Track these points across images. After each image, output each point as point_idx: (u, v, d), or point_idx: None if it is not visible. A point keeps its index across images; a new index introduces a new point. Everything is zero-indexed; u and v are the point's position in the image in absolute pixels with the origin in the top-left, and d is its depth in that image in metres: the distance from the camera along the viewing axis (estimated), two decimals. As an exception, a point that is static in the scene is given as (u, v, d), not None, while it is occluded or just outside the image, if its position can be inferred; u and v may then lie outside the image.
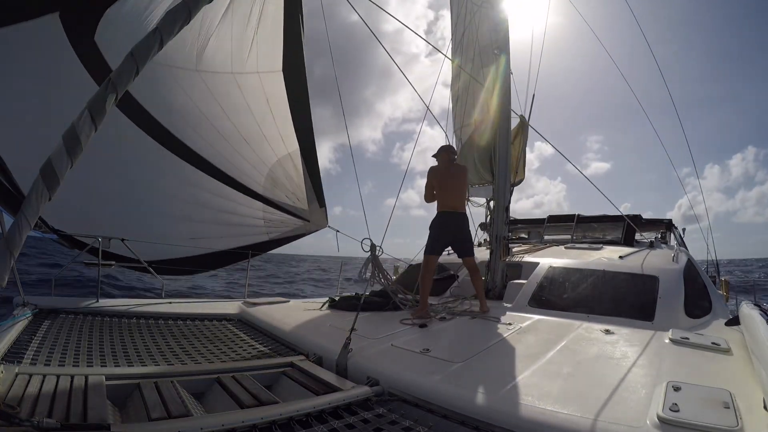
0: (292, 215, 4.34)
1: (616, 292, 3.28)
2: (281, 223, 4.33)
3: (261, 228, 4.25)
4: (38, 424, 1.17)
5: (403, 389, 1.90)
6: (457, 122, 5.61)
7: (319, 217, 4.48)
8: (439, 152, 3.75)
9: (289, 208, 4.31)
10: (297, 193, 4.31)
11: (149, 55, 1.37)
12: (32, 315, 2.80)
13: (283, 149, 4.15)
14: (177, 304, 3.74)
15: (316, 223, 4.50)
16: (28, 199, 1.20)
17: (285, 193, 4.25)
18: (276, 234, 4.34)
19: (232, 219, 4.14)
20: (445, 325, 3.04)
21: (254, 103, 3.89)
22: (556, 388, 1.75)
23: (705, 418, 1.37)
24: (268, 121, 4.00)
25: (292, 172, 4.24)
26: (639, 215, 5.52)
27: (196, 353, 2.50)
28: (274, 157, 4.12)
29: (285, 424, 1.52)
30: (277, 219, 4.30)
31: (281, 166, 4.18)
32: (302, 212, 4.39)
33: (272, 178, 4.15)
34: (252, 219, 4.19)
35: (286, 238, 4.46)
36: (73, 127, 1.24)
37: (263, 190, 4.14)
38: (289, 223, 4.37)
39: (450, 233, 3.60)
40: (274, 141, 4.08)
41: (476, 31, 4.79)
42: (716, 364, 2.04)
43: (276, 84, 3.95)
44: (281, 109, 4.05)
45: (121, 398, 1.74)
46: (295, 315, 3.49)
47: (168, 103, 3.64)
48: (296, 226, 4.42)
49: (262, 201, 4.17)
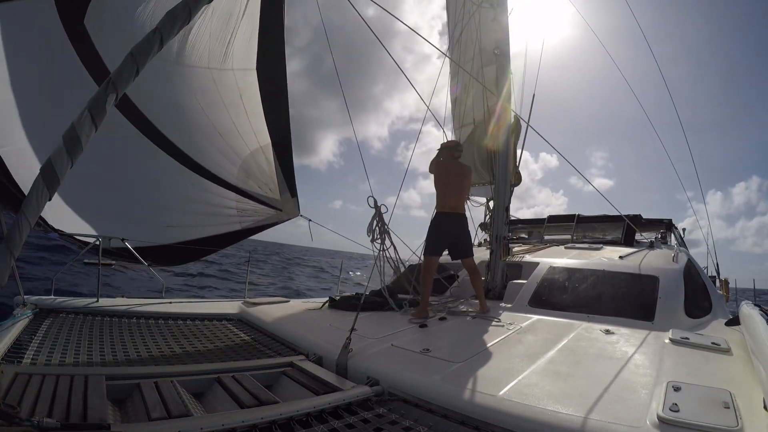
0: (264, 204, 4.50)
1: (616, 292, 3.28)
2: (254, 213, 4.50)
3: (234, 218, 4.40)
4: (38, 424, 1.17)
5: (403, 389, 1.90)
6: (457, 122, 5.61)
7: (291, 206, 4.65)
8: (441, 149, 3.72)
9: (261, 197, 4.47)
10: (269, 184, 4.48)
11: (149, 55, 1.37)
12: (32, 315, 2.80)
13: (255, 142, 4.31)
14: (177, 304, 3.74)
15: (288, 212, 4.67)
16: (28, 198, 1.20)
17: (257, 183, 4.41)
18: (248, 223, 4.50)
19: (206, 209, 4.28)
20: (445, 325, 3.04)
21: (228, 99, 4.05)
22: (556, 388, 1.75)
23: (705, 418, 1.37)
24: (241, 117, 4.16)
25: (264, 164, 4.41)
26: (639, 215, 5.51)
27: (196, 353, 2.50)
28: (246, 150, 4.27)
29: (285, 424, 1.52)
30: (250, 209, 4.46)
31: (254, 159, 4.34)
32: (274, 201, 4.55)
33: (245, 169, 4.31)
34: (225, 209, 4.34)
35: (259, 227, 4.62)
36: (73, 127, 1.24)
37: (236, 180, 4.29)
38: (262, 213, 4.53)
39: (450, 234, 3.58)
40: (247, 135, 4.24)
41: (476, 31, 4.79)
42: (716, 364, 2.04)
43: (250, 81, 4.11)
44: (254, 105, 4.21)
45: (121, 398, 1.74)
46: (295, 315, 3.49)
47: (148, 92, 3.72)
48: (269, 215, 4.58)
49: (235, 191, 4.33)
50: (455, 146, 3.74)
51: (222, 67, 3.90)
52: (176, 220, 4.22)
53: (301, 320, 3.30)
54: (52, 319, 2.81)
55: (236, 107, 4.10)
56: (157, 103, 3.82)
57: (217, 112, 4.05)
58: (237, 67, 3.98)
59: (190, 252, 4.39)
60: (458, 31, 5.04)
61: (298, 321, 3.27)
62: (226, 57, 3.87)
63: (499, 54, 4.41)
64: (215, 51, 3.81)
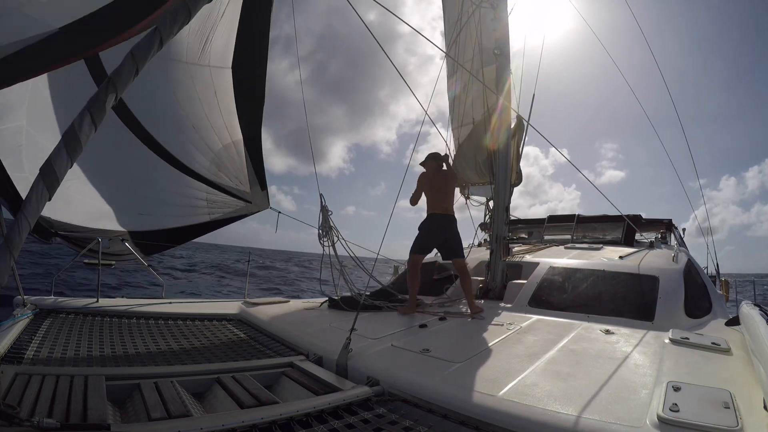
0: (234, 197, 4.57)
1: (616, 293, 3.28)
2: (224, 204, 4.56)
3: (203, 209, 4.45)
4: (38, 424, 1.17)
5: (403, 389, 1.90)
6: (456, 122, 5.61)
7: (260, 199, 4.73)
8: (426, 160, 3.87)
9: (232, 189, 4.54)
10: (240, 177, 4.56)
11: (149, 55, 1.37)
12: (32, 315, 2.80)
13: (227, 137, 4.38)
14: (177, 304, 3.74)
15: (258, 205, 4.74)
16: (28, 199, 1.20)
17: (228, 176, 4.48)
18: (218, 215, 4.55)
19: (176, 199, 4.32)
20: (445, 325, 3.04)
21: (203, 94, 4.10)
22: (556, 388, 1.75)
23: (705, 418, 1.37)
24: (214, 112, 4.22)
25: (236, 158, 4.49)
26: (639, 215, 5.52)
27: (196, 353, 2.50)
28: (219, 143, 4.34)
29: (285, 424, 1.52)
30: (220, 200, 4.52)
31: (225, 152, 4.42)
32: (244, 194, 4.62)
33: (217, 162, 4.38)
34: (196, 200, 4.39)
35: (228, 219, 4.68)
36: (72, 127, 1.24)
37: (207, 173, 4.35)
38: (232, 204, 4.60)
39: (440, 235, 3.69)
40: (220, 129, 4.31)
41: (475, 30, 4.79)
42: (716, 364, 2.04)
43: (225, 79, 4.17)
44: (227, 103, 4.27)
45: (121, 398, 1.74)
46: (295, 315, 3.49)
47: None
48: (238, 207, 4.65)
49: (206, 183, 4.38)
50: (438, 156, 3.91)
51: (199, 63, 3.92)
52: (147, 209, 4.26)
53: (301, 320, 3.30)
54: (52, 319, 2.81)
55: (210, 102, 4.14)
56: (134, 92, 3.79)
57: (192, 105, 4.09)
58: (213, 64, 4.03)
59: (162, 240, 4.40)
60: (456, 30, 5.04)
61: (298, 321, 3.27)
62: (203, 53, 3.89)
63: (499, 54, 4.41)
64: (193, 46, 3.83)
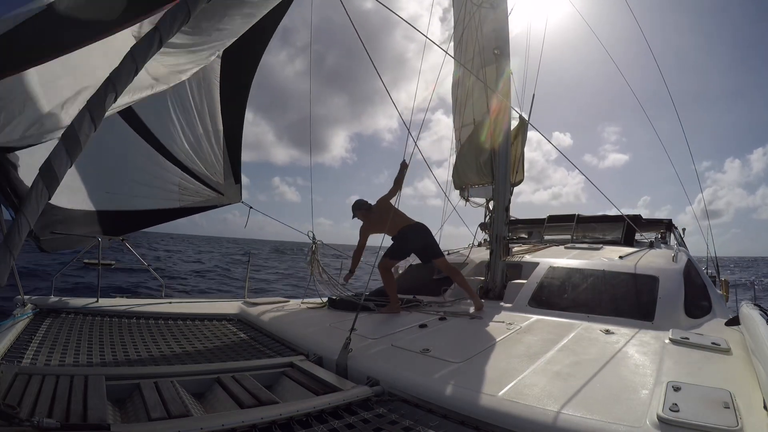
0: (207, 186, 4.52)
1: (616, 292, 3.28)
2: (195, 193, 4.48)
3: (175, 194, 4.35)
4: (38, 424, 1.17)
5: (403, 389, 1.90)
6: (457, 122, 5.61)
7: (233, 192, 4.70)
8: (355, 214, 4.04)
9: (205, 178, 4.48)
10: (216, 167, 4.51)
11: (149, 55, 1.37)
12: (32, 315, 2.80)
13: (208, 125, 4.30)
14: (177, 304, 3.75)
15: (230, 198, 4.72)
16: (27, 198, 1.20)
17: (204, 165, 4.42)
18: (188, 203, 4.47)
19: (148, 180, 4.18)
20: (445, 325, 3.03)
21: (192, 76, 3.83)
22: (556, 388, 1.75)
23: (705, 418, 1.37)
24: (200, 96, 4.13)
25: (215, 147, 4.43)
26: (639, 215, 5.52)
27: (196, 353, 2.50)
28: (200, 129, 4.25)
29: (285, 424, 1.52)
30: (191, 188, 4.44)
31: (206, 139, 4.34)
32: (217, 185, 4.58)
33: (195, 148, 4.29)
34: (168, 184, 4.29)
35: (197, 208, 4.63)
36: (72, 127, 1.24)
37: (184, 157, 4.26)
38: (203, 194, 4.54)
39: (415, 243, 3.82)
40: (203, 116, 4.22)
41: (476, 31, 4.79)
42: (716, 364, 2.04)
43: (213, 66, 4.04)
44: (213, 90, 4.18)
45: (121, 398, 1.74)
46: (295, 315, 3.50)
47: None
48: (209, 198, 4.60)
49: (180, 168, 4.29)
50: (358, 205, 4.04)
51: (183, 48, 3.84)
52: (115, 187, 4.05)
53: (301, 320, 3.30)
54: (52, 319, 2.81)
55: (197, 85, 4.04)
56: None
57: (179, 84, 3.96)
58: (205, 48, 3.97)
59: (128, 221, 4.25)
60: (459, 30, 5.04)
61: (298, 321, 3.27)
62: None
63: (499, 54, 4.41)
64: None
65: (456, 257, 5.07)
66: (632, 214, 5.17)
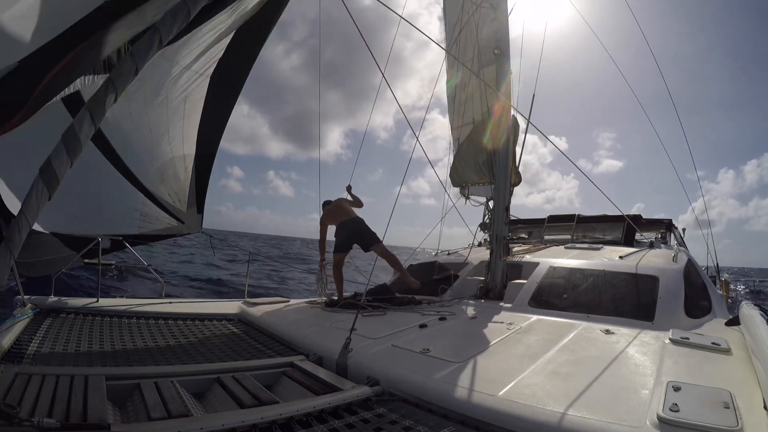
0: (168, 213, 4.34)
1: (616, 292, 3.28)
2: (156, 220, 4.29)
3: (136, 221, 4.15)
4: (38, 424, 1.17)
5: (403, 389, 1.90)
6: (456, 122, 5.61)
7: (193, 221, 4.61)
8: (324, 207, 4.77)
9: (167, 205, 4.29)
10: (179, 194, 4.35)
11: (149, 55, 1.37)
12: (32, 315, 2.80)
13: (180, 149, 4.12)
14: (177, 304, 3.74)
15: (189, 227, 4.61)
16: (27, 198, 1.20)
17: (168, 191, 4.24)
18: (146, 230, 4.27)
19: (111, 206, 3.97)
20: (445, 325, 3.03)
21: (172, 96, 3.74)
22: (556, 388, 1.75)
23: (705, 418, 1.37)
24: (177, 118, 3.93)
25: (181, 173, 4.27)
26: (639, 215, 5.51)
27: (196, 353, 2.50)
28: (169, 153, 4.07)
29: (285, 424, 1.52)
30: (152, 214, 4.24)
31: (172, 165, 4.16)
32: (179, 213, 4.41)
33: (161, 173, 4.10)
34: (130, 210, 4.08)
35: (155, 236, 4.44)
36: (72, 127, 1.24)
37: (148, 182, 4.04)
38: (163, 221, 4.36)
39: (351, 234, 4.39)
40: (175, 140, 4.04)
41: (475, 31, 4.79)
42: (716, 364, 2.04)
43: (199, 87, 3.85)
44: (194, 112, 4.02)
45: (121, 398, 1.74)
46: (295, 315, 3.50)
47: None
48: (169, 226, 4.43)
49: (144, 193, 4.07)
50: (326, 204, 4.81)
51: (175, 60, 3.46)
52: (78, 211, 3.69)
53: (301, 320, 3.30)
54: (52, 319, 2.81)
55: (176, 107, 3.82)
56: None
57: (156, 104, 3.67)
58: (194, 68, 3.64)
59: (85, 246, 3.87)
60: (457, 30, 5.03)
61: (298, 321, 3.27)
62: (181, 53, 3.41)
63: (499, 54, 4.41)
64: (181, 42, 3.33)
65: (456, 257, 5.07)
66: (632, 214, 5.16)
